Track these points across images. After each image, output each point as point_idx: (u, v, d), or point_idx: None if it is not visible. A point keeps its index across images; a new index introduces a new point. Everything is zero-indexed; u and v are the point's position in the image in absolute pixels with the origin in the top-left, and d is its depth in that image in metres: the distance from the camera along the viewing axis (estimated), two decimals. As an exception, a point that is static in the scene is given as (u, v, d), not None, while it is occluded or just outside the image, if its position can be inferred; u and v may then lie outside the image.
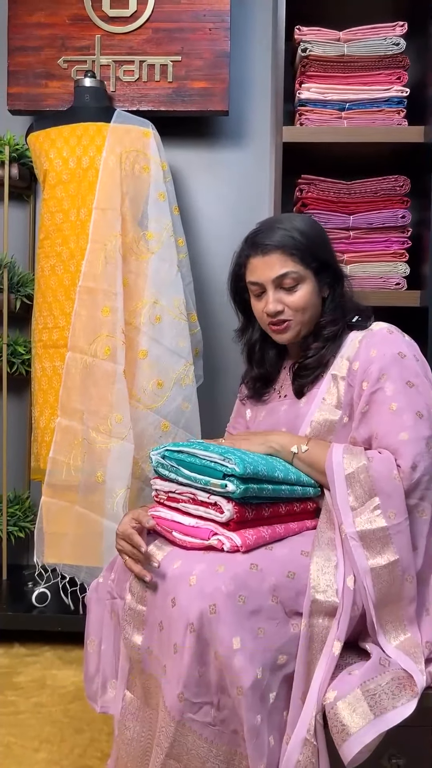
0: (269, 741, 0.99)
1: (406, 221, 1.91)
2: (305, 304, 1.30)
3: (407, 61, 1.89)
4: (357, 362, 1.24)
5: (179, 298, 2.00)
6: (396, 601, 1.09)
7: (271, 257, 1.28)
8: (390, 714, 0.99)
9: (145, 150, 2.01)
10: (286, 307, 1.29)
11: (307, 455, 1.22)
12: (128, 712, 1.15)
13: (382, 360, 1.20)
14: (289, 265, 1.28)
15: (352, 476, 1.13)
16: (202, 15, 2.14)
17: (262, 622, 1.02)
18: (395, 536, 1.09)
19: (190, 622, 0.99)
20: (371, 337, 1.26)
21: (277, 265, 1.28)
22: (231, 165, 2.34)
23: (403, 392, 1.17)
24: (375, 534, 1.09)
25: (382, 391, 1.18)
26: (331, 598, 1.07)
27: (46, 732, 1.61)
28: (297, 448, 1.22)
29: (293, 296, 1.29)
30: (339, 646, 1.04)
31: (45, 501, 1.95)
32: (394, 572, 1.08)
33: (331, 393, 1.27)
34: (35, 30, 2.16)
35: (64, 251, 2.00)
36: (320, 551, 1.12)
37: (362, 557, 1.09)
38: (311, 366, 1.30)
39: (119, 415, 1.87)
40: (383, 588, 1.08)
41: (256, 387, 1.44)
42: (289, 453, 1.23)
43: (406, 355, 1.21)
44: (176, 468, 1.18)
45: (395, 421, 1.15)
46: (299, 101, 1.91)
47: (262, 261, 1.29)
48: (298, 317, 1.30)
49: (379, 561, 1.08)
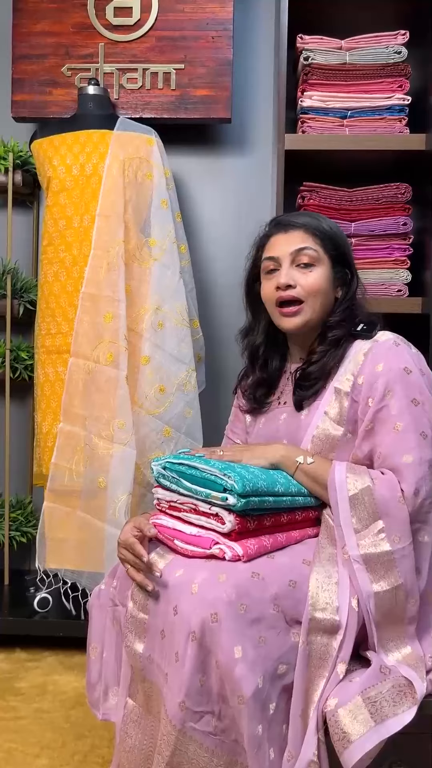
0: (270, 753, 0.99)
1: (408, 229, 1.92)
2: (319, 286, 1.28)
3: (409, 69, 1.90)
4: (362, 377, 1.22)
5: (181, 304, 2.00)
6: (398, 622, 1.09)
7: (294, 233, 1.29)
8: (391, 721, 0.99)
9: (148, 157, 2.02)
10: (299, 286, 1.27)
11: (312, 468, 1.20)
12: (130, 720, 1.15)
13: (387, 375, 1.18)
14: (309, 241, 1.28)
15: (356, 498, 1.12)
16: (205, 23, 2.15)
17: (264, 630, 1.02)
18: (400, 560, 1.08)
19: (191, 631, 0.99)
20: (377, 349, 1.23)
21: (298, 239, 1.29)
22: (233, 172, 2.35)
23: (408, 411, 1.15)
24: (379, 558, 1.09)
25: (387, 409, 1.16)
26: (330, 615, 1.06)
27: (47, 738, 1.61)
28: (303, 459, 1.21)
29: (308, 276, 1.27)
30: (343, 668, 1.04)
31: (47, 506, 1.95)
32: (398, 596, 1.08)
33: (333, 407, 1.24)
34: (40, 38, 2.18)
35: (67, 258, 2.01)
36: (321, 567, 1.11)
37: (366, 581, 1.08)
38: (314, 375, 1.28)
39: (121, 421, 1.87)
40: (386, 611, 1.08)
41: (257, 395, 1.40)
42: (293, 463, 1.21)
43: (412, 370, 1.18)
44: (177, 479, 1.18)
45: (399, 441, 1.14)
46: (301, 109, 1.92)
47: (284, 236, 1.30)
48: (310, 301, 1.28)
49: (383, 585, 1.08)
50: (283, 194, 1.88)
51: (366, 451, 1.20)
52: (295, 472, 1.21)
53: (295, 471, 1.21)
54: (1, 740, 1.59)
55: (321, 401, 1.27)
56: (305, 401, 1.30)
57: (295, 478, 1.21)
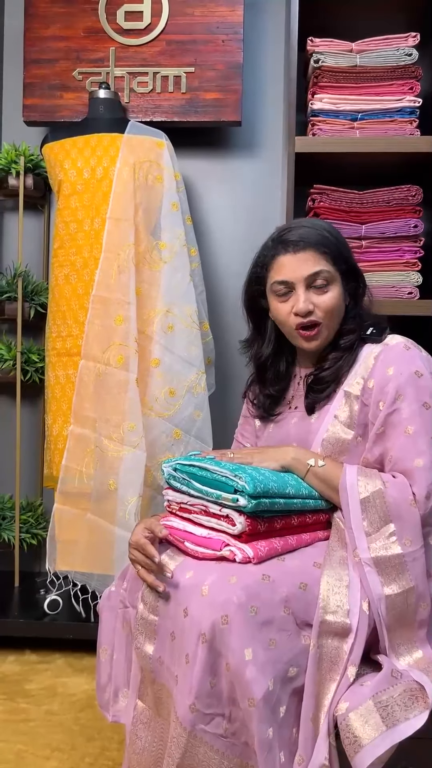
0: (280, 757, 0.99)
1: (419, 231, 1.91)
2: (335, 306, 1.26)
3: (420, 71, 1.90)
4: (372, 380, 1.21)
5: (191, 307, 2.00)
6: (409, 625, 1.08)
7: (305, 254, 1.25)
8: (402, 726, 0.98)
9: (159, 160, 2.03)
10: (316, 309, 1.25)
11: (323, 471, 1.20)
12: (139, 722, 1.15)
13: (398, 379, 1.18)
14: (322, 263, 1.25)
15: (367, 501, 1.12)
16: (215, 27, 2.16)
17: (274, 633, 1.02)
18: (411, 564, 1.08)
19: (201, 633, 0.99)
20: (387, 352, 1.22)
21: (310, 261, 1.24)
22: (243, 175, 2.35)
23: (419, 414, 1.15)
24: (390, 561, 1.08)
25: (398, 413, 1.16)
26: (341, 619, 1.05)
27: (57, 740, 1.61)
28: (314, 462, 1.21)
29: (324, 297, 1.25)
30: (354, 671, 1.03)
31: (57, 508, 1.96)
32: (409, 599, 1.08)
33: (344, 411, 1.24)
34: (51, 43, 2.19)
35: (78, 260, 2.02)
36: (331, 570, 1.11)
37: (377, 584, 1.08)
38: (327, 379, 1.27)
39: (132, 424, 1.87)
40: (397, 614, 1.07)
41: (267, 405, 1.40)
42: (304, 466, 1.21)
43: (423, 374, 1.18)
44: (188, 481, 1.18)
45: (410, 445, 1.14)
46: (312, 112, 1.92)
47: (294, 258, 1.25)
48: (327, 321, 1.26)
49: (393, 588, 1.07)
50: (293, 197, 1.88)
51: (377, 454, 1.20)
52: (306, 474, 1.21)
53: (306, 474, 1.21)
54: (12, 742, 1.60)
55: (331, 405, 1.27)
56: (316, 405, 1.30)
57: (305, 480, 1.21)
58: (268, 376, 1.40)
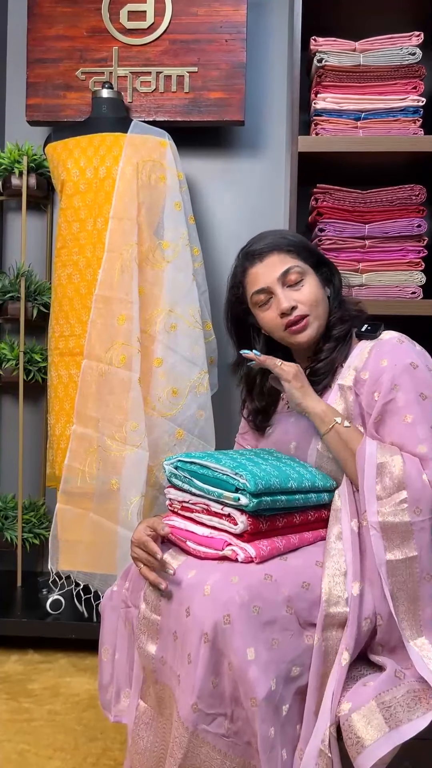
0: (282, 754, 0.99)
1: (422, 230, 1.91)
2: (315, 296, 1.29)
3: (423, 70, 1.89)
4: (366, 371, 1.22)
5: (194, 306, 2.00)
6: (413, 599, 1.08)
7: (270, 259, 1.29)
8: (405, 727, 0.98)
9: (162, 160, 2.02)
10: (299, 304, 1.28)
11: (347, 431, 1.20)
12: (142, 722, 1.15)
13: (393, 370, 1.18)
14: (289, 260, 1.29)
15: (384, 466, 1.12)
16: (219, 26, 2.16)
17: (277, 633, 1.02)
18: (418, 533, 1.08)
19: (204, 632, 0.99)
20: (381, 346, 1.24)
21: (278, 263, 1.29)
22: (247, 175, 2.35)
23: (417, 403, 1.16)
24: (397, 527, 1.09)
25: (395, 402, 1.17)
26: (342, 609, 1.06)
27: (59, 740, 1.61)
28: (341, 420, 1.21)
29: (302, 290, 1.28)
30: (347, 655, 1.03)
31: (60, 508, 1.96)
32: (412, 568, 1.08)
33: (339, 404, 1.25)
34: (54, 42, 2.19)
35: (81, 260, 2.02)
36: (330, 560, 1.11)
37: (380, 548, 1.08)
38: (322, 371, 1.29)
39: (134, 423, 1.87)
40: (399, 582, 1.07)
41: (257, 421, 1.42)
42: (330, 421, 1.21)
43: (418, 365, 1.19)
44: (189, 479, 1.18)
45: (410, 433, 1.15)
46: (315, 111, 1.92)
47: (262, 266, 1.30)
48: (314, 311, 1.28)
49: (396, 554, 1.08)
50: (296, 196, 1.88)
51: None
52: (329, 431, 1.21)
53: (330, 430, 1.21)
54: (14, 742, 1.60)
55: (328, 400, 1.27)
56: None
57: (326, 439, 1.21)
58: (255, 391, 1.42)
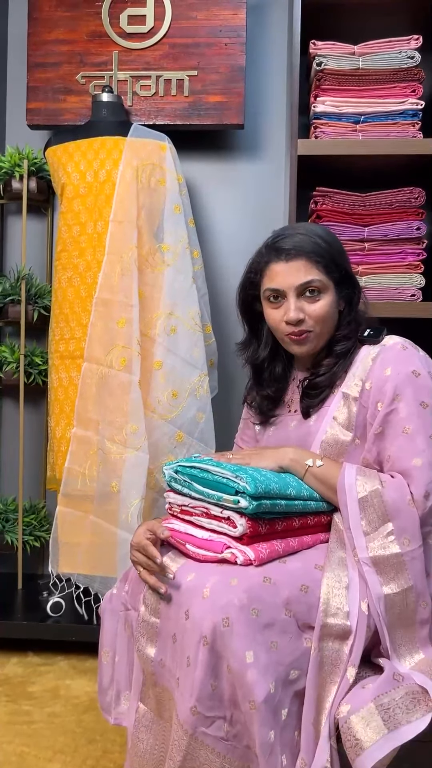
0: (282, 760, 0.99)
1: (422, 233, 1.91)
2: (326, 314, 1.25)
3: (422, 74, 1.90)
4: (370, 381, 1.21)
5: (194, 309, 2.01)
6: (409, 625, 1.08)
7: (297, 263, 1.24)
8: (404, 729, 0.98)
9: (162, 163, 2.03)
10: (307, 317, 1.25)
11: (321, 471, 1.19)
12: (141, 725, 1.15)
13: (396, 379, 1.18)
14: (314, 272, 1.23)
15: (365, 500, 1.12)
16: (218, 30, 2.17)
17: (275, 635, 1.02)
18: (410, 563, 1.08)
19: (203, 635, 0.99)
20: (385, 353, 1.22)
21: (302, 271, 1.23)
22: (246, 178, 2.36)
23: (417, 414, 1.15)
24: (389, 560, 1.08)
25: (396, 413, 1.16)
26: (341, 621, 1.05)
27: (59, 742, 1.61)
28: (312, 462, 1.20)
29: (315, 305, 1.25)
30: (353, 672, 1.03)
31: (60, 511, 1.96)
32: (408, 598, 1.07)
33: (342, 412, 1.24)
34: (54, 46, 2.20)
35: (81, 263, 2.03)
36: (331, 572, 1.10)
37: (376, 584, 1.08)
38: (321, 385, 1.28)
39: (134, 426, 1.88)
40: (396, 613, 1.07)
41: (265, 407, 1.39)
42: (303, 467, 1.21)
43: (421, 373, 1.18)
44: (189, 483, 1.18)
45: (408, 445, 1.14)
46: (314, 114, 1.93)
47: (286, 266, 1.24)
48: (318, 328, 1.26)
49: (392, 587, 1.07)
50: (295, 199, 1.89)
51: (375, 454, 1.19)
52: (304, 475, 1.21)
53: (305, 474, 1.21)
54: (14, 744, 1.60)
55: (330, 407, 1.27)
56: (312, 408, 1.30)
57: (304, 481, 1.21)
58: (264, 377, 1.40)
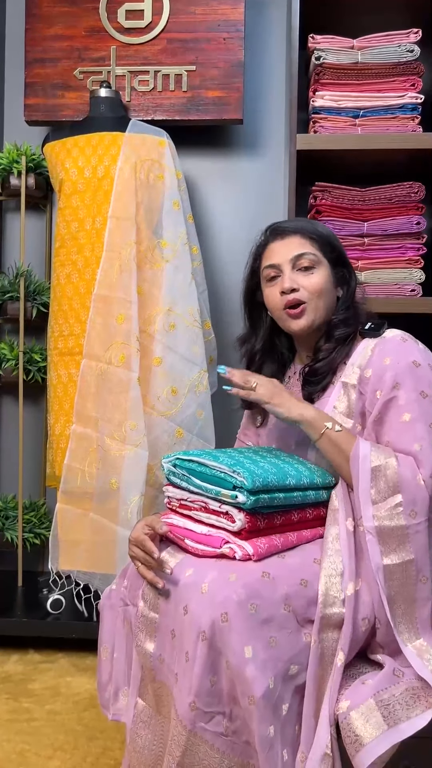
0: (282, 755, 0.98)
1: (421, 228, 1.90)
2: (321, 287, 1.28)
3: (422, 67, 1.89)
4: (369, 370, 1.22)
5: (193, 305, 2.00)
6: (409, 602, 1.08)
7: (291, 239, 1.30)
8: (404, 725, 0.98)
9: (160, 159, 2.02)
10: (302, 288, 1.28)
11: (338, 436, 1.18)
12: (140, 720, 1.15)
13: (395, 368, 1.18)
14: (308, 246, 1.29)
15: (378, 469, 1.12)
16: (217, 25, 2.16)
17: (274, 631, 1.02)
18: (414, 536, 1.08)
19: (201, 631, 0.99)
20: (384, 344, 1.23)
21: (296, 245, 1.29)
22: (245, 173, 2.35)
23: (417, 402, 1.16)
24: (393, 531, 1.08)
25: (396, 401, 1.17)
26: (339, 609, 1.06)
27: (59, 740, 1.61)
28: (332, 425, 1.19)
29: (309, 278, 1.28)
30: (342, 656, 1.03)
31: (60, 508, 1.96)
32: (408, 571, 1.08)
33: (342, 401, 1.25)
34: (52, 42, 2.19)
35: (80, 260, 2.02)
36: (327, 560, 1.10)
37: (377, 553, 1.08)
38: (321, 371, 1.29)
39: (134, 423, 1.87)
40: (396, 586, 1.07)
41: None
42: (321, 427, 1.19)
43: (421, 364, 1.19)
44: (187, 477, 1.18)
45: (408, 431, 1.15)
46: (313, 109, 1.92)
47: (281, 243, 1.31)
48: (314, 301, 1.28)
49: (393, 558, 1.08)
50: (295, 195, 1.88)
51: (373, 440, 1.20)
52: (320, 437, 1.20)
53: (321, 436, 1.19)
54: (15, 742, 1.60)
55: (330, 398, 1.27)
56: (314, 396, 1.30)
57: (318, 443, 1.20)
58: (254, 368, 1.41)
